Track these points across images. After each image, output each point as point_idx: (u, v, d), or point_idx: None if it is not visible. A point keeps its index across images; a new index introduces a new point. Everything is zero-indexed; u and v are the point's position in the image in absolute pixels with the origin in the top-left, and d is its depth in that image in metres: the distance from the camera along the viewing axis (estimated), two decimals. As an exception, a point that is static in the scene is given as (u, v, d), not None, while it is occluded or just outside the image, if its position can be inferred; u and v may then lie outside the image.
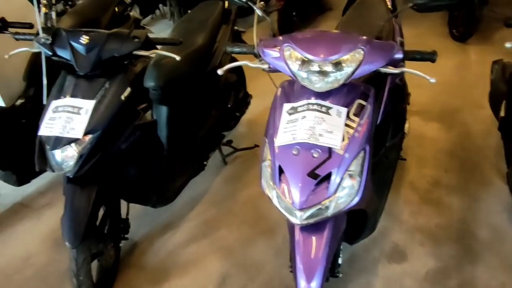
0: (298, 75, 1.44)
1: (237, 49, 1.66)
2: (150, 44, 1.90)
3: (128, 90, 1.82)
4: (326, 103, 1.43)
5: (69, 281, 2.07)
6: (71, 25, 2.62)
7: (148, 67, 2.17)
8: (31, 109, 2.61)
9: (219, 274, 2.08)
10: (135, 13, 4.09)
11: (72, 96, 1.76)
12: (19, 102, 2.67)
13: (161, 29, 5.01)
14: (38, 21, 1.89)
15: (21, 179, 2.64)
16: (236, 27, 2.80)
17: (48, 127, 1.74)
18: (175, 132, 2.28)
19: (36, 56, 2.65)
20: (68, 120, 1.72)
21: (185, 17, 2.74)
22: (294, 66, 1.44)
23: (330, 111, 1.41)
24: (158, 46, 1.97)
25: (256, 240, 2.24)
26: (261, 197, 2.52)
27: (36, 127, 2.59)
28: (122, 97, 1.79)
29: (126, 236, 2.14)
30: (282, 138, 1.41)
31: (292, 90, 1.53)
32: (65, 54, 1.80)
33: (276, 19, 4.29)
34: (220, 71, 1.59)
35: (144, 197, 2.11)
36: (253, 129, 3.16)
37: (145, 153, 1.99)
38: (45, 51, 1.83)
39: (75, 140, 1.69)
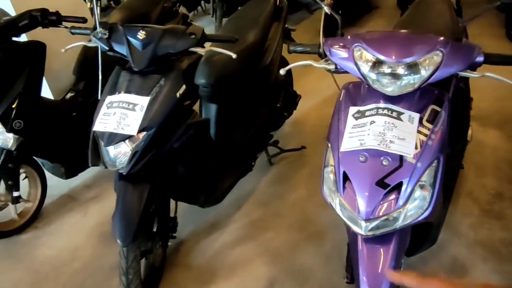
0: (368, 77, 1.35)
1: (300, 49, 1.58)
2: (205, 40, 1.85)
3: (183, 87, 1.78)
4: (397, 107, 1.34)
5: (116, 277, 2.08)
6: (121, 20, 2.62)
7: (200, 64, 2.13)
8: (82, 103, 2.64)
9: (266, 278, 2.02)
10: (183, 9, 4.10)
11: (127, 92, 1.74)
12: (69, 95, 2.70)
13: (203, 26, 4.99)
14: (96, 15, 1.88)
15: (69, 172, 2.67)
16: (286, 25, 2.72)
17: (103, 123, 1.73)
18: (225, 131, 2.24)
19: (86, 51, 2.67)
20: (123, 116, 1.70)
21: (236, 14, 2.69)
22: (365, 67, 1.36)
23: (401, 116, 1.33)
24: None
25: (304, 245, 2.17)
26: (310, 200, 2.48)
27: (86, 121, 2.63)
28: (177, 95, 1.76)
29: (174, 234, 2.11)
30: (347, 143, 1.34)
31: (359, 93, 1.45)
32: (121, 49, 1.78)
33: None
34: (282, 71, 1.52)
35: (193, 196, 2.07)
36: (299, 129, 3.09)
37: (196, 152, 1.95)
38: (102, 46, 1.81)
39: (129, 137, 1.67)
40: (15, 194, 2.44)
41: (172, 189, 1.97)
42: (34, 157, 2.54)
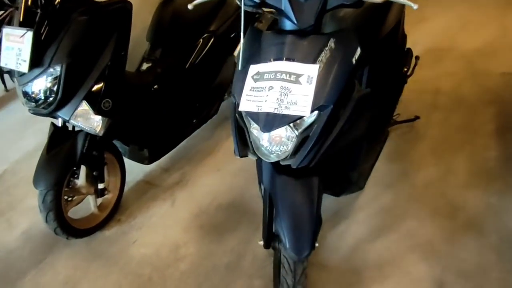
0: None
1: None
2: None
3: (359, 51, 1.37)
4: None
5: (238, 280, 1.81)
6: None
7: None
8: (162, 74, 2.21)
9: (431, 280, 1.70)
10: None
11: (285, 59, 1.32)
12: (145, 66, 2.27)
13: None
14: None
15: (153, 156, 2.28)
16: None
17: (253, 100, 1.33)
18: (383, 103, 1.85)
19: (162, 12, 2.23)
20: (284, 91, 1.28)
21: None
22: None
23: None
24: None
25: (461, 237, 1.84)
26: (446, 181, 2.12)
27: (170, 94, 2.22)
28: (353, 60, 1.35)
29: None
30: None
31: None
32: (276, 2, 1.34)
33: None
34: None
35: (337, 185, 1.71)
36: (409, 97, 2.68)
37: (354, 135, 1.56)
38: (247, 1, 1.37)
39: (298, 119, 1.27)
40: (100, 186, 2.06)
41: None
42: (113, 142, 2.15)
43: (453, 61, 2.99)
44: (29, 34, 1.64)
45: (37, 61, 1.68)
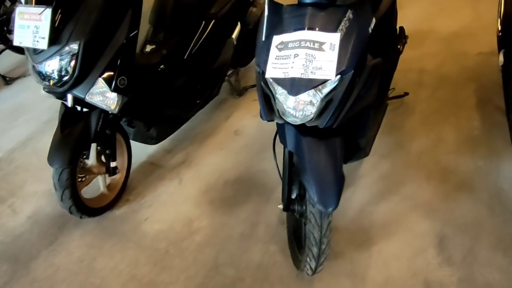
0: None
1: None
2: None
3: (374, 21, 1.49)
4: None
5: (254, 247, 1.93)
6: None
7: None
8: (168, 55, 2.27)
9: (433, 235, 1.86)
10: None
11: (307, 28, 1.43)
12: (148, 48, 2.32)
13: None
14: None
15: (161, 136, 2.34)
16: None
17: (279, 68, 1.43)
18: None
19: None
20: (309, 58, 1.40)
21: None
22: None
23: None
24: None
25: (456, 196, 2.01)
26: (437, 149, 2.30)
27: (175, 74, 2.28)
28: (369, 30, 1.47)
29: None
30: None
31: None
32: None
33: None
34: None
35: (346, 152, 1.83)
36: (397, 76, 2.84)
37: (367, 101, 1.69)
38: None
39: (322, 82, 1.39)
40: (113, 164, 2.10)
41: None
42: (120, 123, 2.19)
43: (434, 43, 3.20)
44: (48, 11, 1.67)
45: (55, 38, 1.71)
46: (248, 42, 2.69)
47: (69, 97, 1.91)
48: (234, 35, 2.55)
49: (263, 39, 1.51)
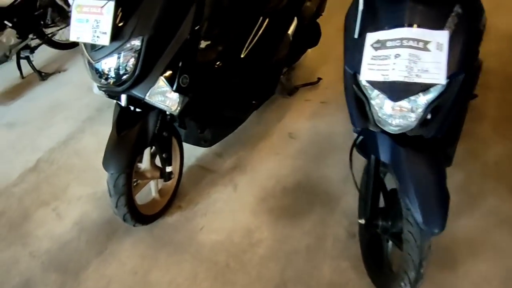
0: None
1: None
2: None
3: (484, 16, 1.32)
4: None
5: (324, 263, 1.77)
6: None
7: None
8: (224, 51, 2.11)
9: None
10: None
11: (406, 25, 1.26)
12: (203, 44, 2.16)
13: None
14: None
15: (215, 138, 2.19)
16: None
17: (377, 69, 1.26)
18: None
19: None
20: (412, 59, 1.22)
21: None
22: None
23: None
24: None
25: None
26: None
27: (231, 72, 2.12)
28: (481, 26, 1.30)
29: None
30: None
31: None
32: None
33: None
34: None
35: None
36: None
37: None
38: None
39: (429, 87, 1.22)
40: (168, 169, 1.96)
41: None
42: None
43: (494, 41, 2.97)
44: (111, 4, 1.53)
45: (115, 34, 1.57)
46: (302, 38, 2.53)
47: (123, 96, 1.77)
48: (290, 31, 2.39)
49: (356, 36, 1.34)
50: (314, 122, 2.51)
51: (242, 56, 2.16)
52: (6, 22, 3.27)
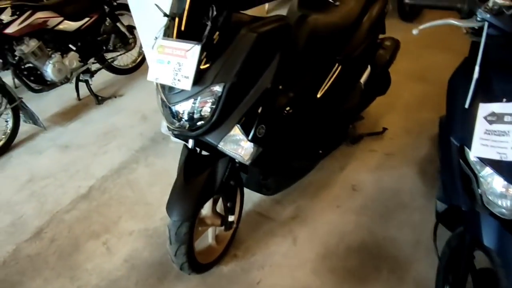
0: None
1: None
2: None
3: None
4: None
5: None
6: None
7: None
8: (294, 97, 2.02)
9: None
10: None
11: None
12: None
13: None
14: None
15: (279, 187, 2.08)
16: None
17: (490, 146, 1.14)
18: None
19: (296, 31, 2.05)
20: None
21: None
22: None
23: None
24: None
25: None
26: None
27: (300, 119, 2.02)
28: None
29: None
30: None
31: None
32: None
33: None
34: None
35: None
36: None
37: None
38: (503, 27, 1.17)
39: None
40: (231, 218, 1.86)
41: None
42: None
43: None
44: (197, 48, 1.47)
45: (197, 78, 1.51)
46: (373, 86, 2.42)
47: (191, 139, 1.71)
48: (363, 79, 2.29)
49: (466, 106, 1.22)
50: (379, 175, 2.37)
51: (313, 102, 2.07)
52: (70, 45, 3.34)
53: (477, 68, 1.19)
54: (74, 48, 3.36)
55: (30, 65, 3.11)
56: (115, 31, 3.62)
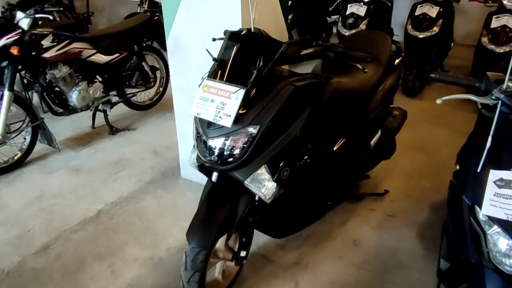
0: None
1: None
2: None
3: None
4: None
5: None
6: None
7: None
8: (312, 149, 2.18)
9: None
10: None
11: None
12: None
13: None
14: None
15: (285, 232, 2.19)
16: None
17: (499, 207, 1.29)
18: None
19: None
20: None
21: None
22: None
23: None
24: None
25: None
26: None
27: (315, 171, 2.17)
28: None
29: None
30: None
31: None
32: None
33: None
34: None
35: None
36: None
37: None
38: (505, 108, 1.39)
39: None
40: (243, 254, 1.95)
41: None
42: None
43: None
44: (241, 92, 1.65)
45: (237, 118, 1.67)
46: (381, 150, 2.61)
47: (215, 174, 1.84)
48: (373, 141, 2.49)
49: (479, 170, 1.40)
50: (380, 234, 2.50)
51: (328, 155, 2.23)
52: (97, 76, 3.54)
53: (490, 139, 1.38)
54: (100, 79, 3.56)
55: (58, 89, 3.27)
56: (140, 69, 3.85)
